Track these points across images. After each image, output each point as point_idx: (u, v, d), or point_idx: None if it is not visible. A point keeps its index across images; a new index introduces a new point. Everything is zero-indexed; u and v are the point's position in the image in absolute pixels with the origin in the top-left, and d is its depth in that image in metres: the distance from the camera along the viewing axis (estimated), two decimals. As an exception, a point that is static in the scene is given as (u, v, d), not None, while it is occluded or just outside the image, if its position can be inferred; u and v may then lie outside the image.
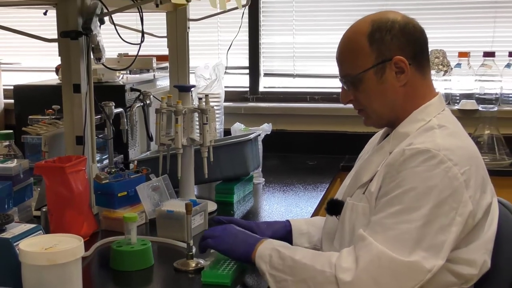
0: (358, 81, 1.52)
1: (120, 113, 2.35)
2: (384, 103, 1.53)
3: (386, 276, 1.34)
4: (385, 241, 1.35)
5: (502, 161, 2.84)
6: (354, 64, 1.52)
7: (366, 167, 1.57)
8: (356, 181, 1.58)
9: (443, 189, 1.37)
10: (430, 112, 1.52)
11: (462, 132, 1.54)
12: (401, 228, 1.35)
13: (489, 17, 3.08)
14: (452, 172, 1.38)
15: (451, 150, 1.40)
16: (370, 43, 1.49)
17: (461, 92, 3.06)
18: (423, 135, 1.46)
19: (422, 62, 1.54)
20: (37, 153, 2.21)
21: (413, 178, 1.38)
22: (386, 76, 1.50)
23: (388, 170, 1.43)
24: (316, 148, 3.13)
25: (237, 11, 2.64)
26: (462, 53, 3.02)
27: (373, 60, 1.49)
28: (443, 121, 1.50)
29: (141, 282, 1.60)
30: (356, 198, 1.54)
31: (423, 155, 1.39)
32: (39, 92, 2.68)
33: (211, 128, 2.09)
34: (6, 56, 3.54)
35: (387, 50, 1.49)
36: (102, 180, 1.95)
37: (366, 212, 1.48)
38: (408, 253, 1.33)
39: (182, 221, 1.79)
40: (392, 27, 1.49)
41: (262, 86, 3.37)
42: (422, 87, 1.54)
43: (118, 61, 2.76)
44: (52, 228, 1.81)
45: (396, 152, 1.44)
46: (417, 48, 1.52)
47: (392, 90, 1.51)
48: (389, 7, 3.11)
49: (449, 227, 1.36)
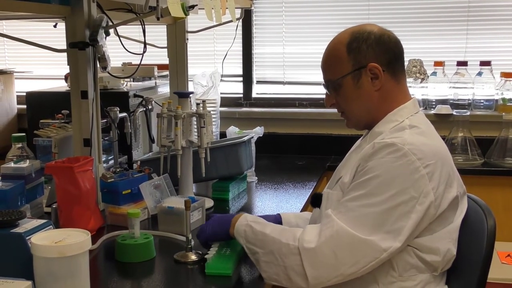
0: (338, 86, 1.56)
1: (124, 117, 2.34)
2: (361, 106, 1.56)
3: (345, 250, 1.37)
4: (346, 221, 1.38)
5: (474, 161, 2.85)
6: (334, 71, 1.56)
7: (345, 164, 1.62)
8: (335, 177, 1.62)
9: (405, 180, 1.39)
10: (403, 114, 1.54)
11: (432, 132, 1.55)
12: (363, 211, 1.39)
13: (462, 30, 3.09)
14: (414, 165, 1.40)
15: (416, 146, 1.42)
16: (348, 51, 1.53)
17: (437, 98, 3.06)
18: (394, 134, 1.49)
19: (396, 69, 1.56)
20: (48, 154, 2.20)
21: (378, 167, 1.40)
22: (362, 82, 1.53)
23: (360, 162, 1.47)
24: (304, 149, 3.13)
25: (232, 23, 2.64)
26: (438, 62, 3.03)
27: (351, 67, 1.53)
28: (415, 122, 1.52)
29: (144, 273, 1.59)
30: (335, 189, 1.57)
31: (389, 148, 1.41)
32: (50, 98, 2.67)
33: (208, 131, 2.09)
34: (19, 65, 3.53)
35: (363, 58, 1.52)
36: (108, 179, 1.95)
37: (339, 198, 1.50)
38: (367, 233, 1.36)
39: (181, 216, 1.79)
40: (368, 37, 1.53)
41: (255, 92, 3.37)
42: (396, 92, 1.56)
43: (122, 69, 2.75)
44: (62, 223, 1.80)
45: (368, 146, 1.47)
46: (391, 56, 1.55)
47: (368, 94, 1.54)
48: (372, 20, 3.12)
49: (409, 214, 1.39)
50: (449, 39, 3.11)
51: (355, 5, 3.18)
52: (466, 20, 3.08)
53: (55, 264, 1.24)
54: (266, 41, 3.32)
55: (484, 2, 3.06)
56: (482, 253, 1.50)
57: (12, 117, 3.27)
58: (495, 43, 3.07)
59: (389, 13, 3.17)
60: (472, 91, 3.01)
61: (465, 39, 3.09)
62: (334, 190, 1.56)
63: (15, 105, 3.29)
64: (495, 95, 3.01)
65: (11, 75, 3.27)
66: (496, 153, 2.86)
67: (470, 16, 3.08)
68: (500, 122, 2.89)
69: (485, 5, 3.06)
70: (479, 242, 1.52)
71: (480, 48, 3.08)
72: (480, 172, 2.81)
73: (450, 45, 3.12)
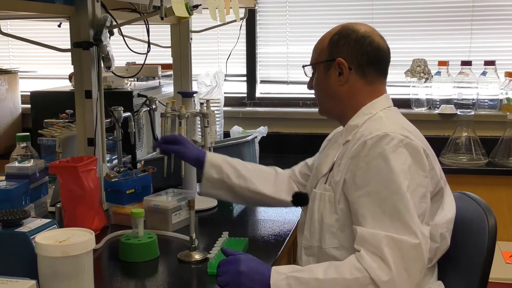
0: (314, 71, 1.65)
1: (128, 117, 2.35)
2: (327, 95, 1.62)
3: (413, 262, 1.33)
4: (394, 228, 1.34)
5: (478, 161, 2.84)
6: (314, 55, 1.64)
7: (324, 160, 1.62)
8: (317, 173, 1.61)
9: (412, 162, 1.40)
10: (376, 107, 1.57)
11: (407, 121, 1.57)
12: (399, 208, 1.35)
13: (466, 29, 3.08)
14: (412, 145, 1.42)
15: (403, 130, 1.45)
16: (329, 42, 1.59)
17: (441, 97, 3.06)
18: (372, 123, 1.50)
19: (368, 72, 1.57)
20: (52, 153, 2.21)
21: (385, 161, 1.39)
22: (330, 73, 1.59)
23: (355, 162, 1.44)
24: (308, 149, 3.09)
25: (236, 23, 2.64)
26: (442, 62, 3.02)
27: (326, 56, 1.59)
28: (389, 115, 1.55)
29: (148, 272, 1.59)
30: (321, 188, 1.56)
31: (384, 139, 1.41)
32: (54, 98, 2.67)
33: (212, 130, 2.09)
34: (24, 65, 3.53)
35: (337, 52, 1.57)
36: (112, 179, 1.95)
37: (331, 200, 1.50)
38: (415, 230, 1.34)
39: (167, 215, 1.83)
40: (349, 35, 1.57)
41: (258, 92, 3.37)
42: (365, 92, 1.58)
43: (126, 69, 2.75)
44: (66, 222, 1.81)
45: (358, 144, 1.45)
46: (364, 59, 1.57)
47: (334, 86, 1.59)
48: (375, 20, 3.12)
49: (426, 193, 1.41)
50: (453, 38, 3.11)
51: (359, 5, 3.17)
52: (470, 19, 3.07)
53: (59, 263, 1.24)
54: (270, 41, 3.32)
55: (488, 1, 3.05)
56: (483, 252, 1.50)
57: (16, 117, 3.27)
58: (499, 42, 3.06)
59: (393, 13, 3.16)
60: (476, 91, 3.00)
61: (469, 38, 3.08)
62: (323, 190, 1.54)
63: (20, 105, 3.30)
64: (500, 95, 3.00)
65: (15, 74, 3.28)
66: (501, 153, 2.85)
67: (474, 15, 3.07)
68: (504, 122, 2.88)
69: (489, 4, 3.05)
70: (481, 242, 1.52)
71: (484, 48, 3.07)
72: (484, 172, 2.81)
73: (454, 45, 3.11)
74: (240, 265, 1.39)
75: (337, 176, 1.50)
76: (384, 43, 1.60)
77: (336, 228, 1.48)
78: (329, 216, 1.49)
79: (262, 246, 1.78)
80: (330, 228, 1.49)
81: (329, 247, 1.49)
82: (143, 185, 2.01)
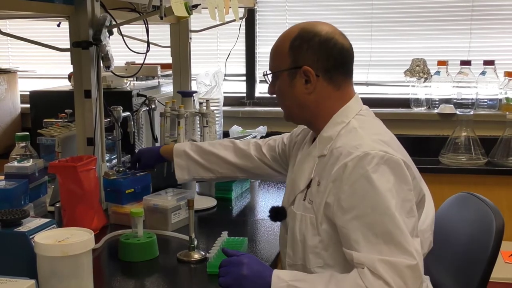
0: (275, 78, 1.54)
1: (128, 116, 2.35)
2: (293, 103, 1.53)
3: (412, 282, 1.30)
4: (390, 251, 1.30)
5: (478, 161, 2.85)
6: (274, 62, 1.54)
7: (299, 175, 1.54)
8: (294, 189, 1.54)
9: (395, 178, 1.35)
10: (348, 114, 1.49)
11: (382, 127, 1.52)
12: (391, 230, 1.31)
13: (466, 29, 3.09)
14: (393, 159, 1.36)
15: (381, 145, 1.39)
16: (290, 47, 1.49)
17: (440, 97, 3.06)
18: (348, 136, 1.44)
19: (335, 77, 1.49)
20: (51, 153, 2.21)
21: (369, 182, 1.34)
22: (296, 82, 1.49)
23: (337, 185, 1.38)
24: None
25: (235, 23, 2.64)
26: (441, 61, 3.03)
27: (288, 64, 1.49)
28: (362, 122, 1.48)
29: (147, 272, 1.59)
30: (299, 208, 1.50)
31: (364, 159, 1.35)
32: (53, 98, 2.67)
33: (211, 130, 2.09)
34: (23, 65, 3.54)
35: (301, 59, 1.47)
36: (110, 176, 1.95)
37: (313, 222, 1.45)
38: (410, 250, 1.30)
39: (165, 214, 1.83)
40: (312, 38, 1.47)
41: (258, 91, 3.37)
42: (334, 97, 1.50)
43: (125, 69, 2.75)
44: (65, 222, 1.80)
45: (339, 167, 1.38)
46: (330, 64, 1.48)
47: (300, 95, 1.50)
48: (375, 20, 3.12)
49: (413, 206, 1.37)
50: (453, 38, 3.11)
51: (359, 5, 3.17)
52: (469, 19, 3.08)
53: (58, 263, 1.24)
54: (269, 40, 3.32)
55: (488, 1, 3.06)
56: (488, 252, 1.50)
57: (15, 116, 3.27)
58: (498, 42, 3.06)
59: (393, 13, 3.16)
60: (475, 91, 3.01)
61: (468, 38, 3.09)
62: (304, 211, 1.48)
63: (19, 104, 3.30)
64: (499, 95, 3.00)
65: (14, 74, 3.28)
66: (500, 153, 2.85)
67: (474, 15, 3.07)
68: (503, 122, 2.89)
69: (489, 4, 3.06)
70: (486, 242, 1.52)
71: (483, 48, 3.08)
72: (483, 171, 2.81)
73: (453, 45, 3.11)
74: (243, 269, 1.39)
75: (317, 197, 1.44)
76: (346, 41, 1.51)
77: (320, 249, 1.44)
78: (312, 238, 1.45)
79: (261, 245, 1.78)
80: (314, 249, 1.45)
81: (313, 267, 1.45)
82: (143, 184, 2.01)
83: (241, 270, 1.38)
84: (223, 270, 1.41)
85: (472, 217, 1.58)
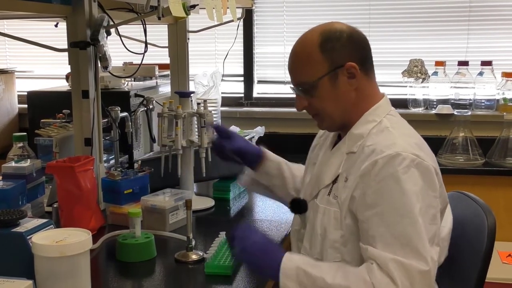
0: (313, 88, 1.50)
1: (125, 117, 2.35)
2: (337, 106, 1.51)
3: (420, 286, 1.30)
4: (405, 253, 1.30)
5: (475, 161, 2.85)
6: (308, 73, 1.50)
7: (325, 169, 1.54)
8: (318, 182, 1.55)
9: (423, 183, 1.36)
10: (379, 113, 1.51)
11: (412, 130, 1.53)
12: (409, 233, 1.31)
13: (463, 30, 3.09)
14: (424, 165, 1.37)
15: (414, 148, 1.39)
16: (322, 52, 1.47)
17: (438, 97, 3.06)
18: (380, 136, 1.45)
19: (368, 66, 1.53)
20: (49, 153, 2.20)
21: (397, 183, 1.35)
22: (339, 82, 1.48)
23: (365, 180, 1.39)
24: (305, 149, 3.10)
25: (233, 23, 2.64)
26: (439, 62, 3.03)
27: (327, 67, 1.47)
28: (393, 122, 1.50)
29: (145, 273, 1.59)
30: (323, 201, 1.51)
31: (396, 159, 1.36)
32: (51, 98, 2.67)
33: (209, 130, 2.09)
34: (21, 65, 3.53)
35: (339, 58, 1.47)
36: (116, 177, 1.95)
37: (337, 216, 1.45)
38: (425, 256, 1.31)
39: (163, 215, 1.83)
40: (340, 36, 1.48)
41: (256, 92, 3.37)
42: (370, 89, 1.53)
43: (123, 69, 2.75)
44: (63, 222, 1.80)
45: (369, 163, 1.39)
46: (363, 54, 1.52)
47: (345, 94, 1.49)
48: (373, 20, 3.13)
49: (436, 214, 1.38)
50: (450, 39, 3.11)
51: (356, 5, 3.18)
52: (467, 20, 3.08)
53: (56, 263, 1.24)
54: (267, 41, 3.32)
55: (485, 2, 3.06)
56: (481, 252, 1.50)
57: (13, 117, 3.27)
58: (496, 43, 3.07)
59: (390, 13, 3.17)
60: (473, 91, 3.01)
61: (466, 39, 3.09)
62: (328, 204, 1.49)
63: (16, 105, 3.29)
64: (496, 95, 3.01)
65: (12, 74, 3.28)
66: (497, 153, 2.86)
67: (471, 16, 3.08)
68: (501, 122, 2.89)
69: (486, 5, 3.06)
70: (479, 242, 1.52)
71: (481, 48, 3.08)
72: (481, 172, 2.81)
73: (451, 45, 3.12)
74: (257, 235, 1.46)
75: (343, 192, 1.45)
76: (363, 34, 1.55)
77: (339, 244, 1.45)
78: (334, 232, 1.45)
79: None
80: (333, 244, 1.45)
81: (330, 261, 1.46)
82: (141, 185, 2.01)
83: (255, 237, 1.44)
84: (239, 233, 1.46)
85: (463, 217, 1.58)
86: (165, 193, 1.95)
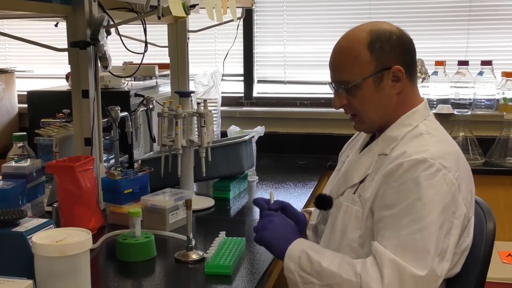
0: (356, 88, 1.46)
1: (125, 116, 2.35)
2: (378, 109, 1.48)
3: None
4: (404, 255, 1.31)
5: (475, 161, 2.85)
6: (353, 72, 1.45)
7: (355, 168, 1.53)
8: (346, 181, 1.54)
9: (445, 195, 1.34)
10: (416, 117, 1.49)
11: (448, 137, 1.52)
12: (416, 238, 1.31)
13: (463, 29, 3.09)
14: (449, 178, 1.36)
15: (444, 158, 1.37)
16: (370, 52, 1.44)
17: (438, 97, 3.06)
18: (414, 141, 1.43)
19: (413, 71, 1.51)
20: (49, 153, 2.21)
21: (417, 187, 1.33)
22: (384, 84, 1.45)
23: (388, 181, 1.38)
24: (305, 149, 3.13)
25: (233, 23, 2.64)
26: (439, 62, 3.03)
27: (373, 68, 1.44)
28: (430, 128, 1.48)
29: (145, 272, 1.59)
30: (348, 199, 1.51)
31: (421, 164, 1.35)
32: (51, 98, 2.67)
33: (209, 130, 2.09)
34: (21, 64, 3.53)
35: (387, 59, 1.44)
36: (116, 177, 1.95)
37: (359, 215, 1.45)
38: (425, 264, 1.30)
39: (163, 214, 1.83)
40: (390, 37, 1.45)
41: (255, 92, 3.37)
42: (412, 94, 1.51)
43: (123, 69, 2.75)
44: (63, 222, 1.80)
45: (395, 164, 1.38)
46: (410, 58, 1.49)
47: (387, 97, 1.47)
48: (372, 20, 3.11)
49: (451, 230, 1.35)
50: (450, 38, 3.11)
51: (356, 5, 3.17)
52: (467, 19, 3.08)
53: (56, 263, 1.24)
54: (267, 41, 3.32)
55: (485, 1, 3.06)
56: (480, 256, 1.49)
57: (13, 116, 3.27)
58: (496, 42, 3.07)
59: (390, 13, 3.16)
60: (473, 91, 3.01)
61: (466, 38, 3.09)
62: (352, 202, 1.48)
63: (16, 104, 3.29)
64: (496, 95, 3.00)
65: (12, 74, 3.28)
66: (497, 153, 2.86)
67: (471, 15, 3.08)
68: (501, 122, 2.89)
69: (486, 4, 3.06)
70: (478, 245, 1.51)
71: (481, 48, 3.08)
72: (481, 171, 2.81)
73: (451, 45, 3.11)
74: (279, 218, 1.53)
75: (367, 192, 1.44)
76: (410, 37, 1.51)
77: (357, 244, 1.45)
78: (353, 231, 1.46)
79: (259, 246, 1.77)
80: (351, 243, 1.46)
81: None
82: (141, 185, 2.01)
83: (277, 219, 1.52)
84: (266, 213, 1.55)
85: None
86: (165, 193, 1.95)
